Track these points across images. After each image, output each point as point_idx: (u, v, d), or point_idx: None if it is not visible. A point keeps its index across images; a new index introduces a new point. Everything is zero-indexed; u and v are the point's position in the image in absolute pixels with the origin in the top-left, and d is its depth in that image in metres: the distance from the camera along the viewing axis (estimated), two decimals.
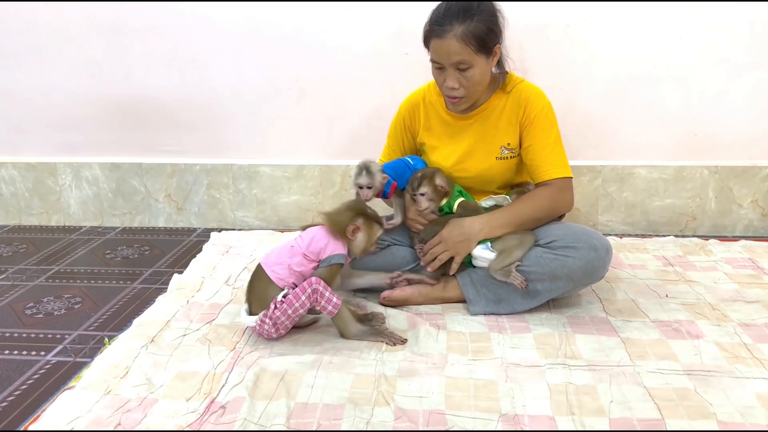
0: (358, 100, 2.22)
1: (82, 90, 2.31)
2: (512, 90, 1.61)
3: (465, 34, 1.45)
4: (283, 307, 1.38)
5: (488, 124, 1.64)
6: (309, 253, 1.44)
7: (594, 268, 1.50)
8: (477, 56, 1.48)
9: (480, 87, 1.56)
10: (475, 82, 1.53)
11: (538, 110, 1.59)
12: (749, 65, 2.09)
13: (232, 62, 2.23)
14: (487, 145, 1.64)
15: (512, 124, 1.62)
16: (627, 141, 2.20)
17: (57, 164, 2.38)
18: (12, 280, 1.90)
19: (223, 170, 2.33)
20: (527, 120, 1.59)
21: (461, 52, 1.47)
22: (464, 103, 1.59)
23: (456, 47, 1.46)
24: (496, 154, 1.64)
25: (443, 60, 1.50)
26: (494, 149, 1.64)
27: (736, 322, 1.51)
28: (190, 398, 1.23)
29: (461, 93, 1.54)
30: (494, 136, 1.63)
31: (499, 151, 1.64)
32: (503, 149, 1.63)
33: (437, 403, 1.20)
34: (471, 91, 1.55)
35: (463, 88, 1.53)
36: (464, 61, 1.48)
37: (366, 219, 1.49)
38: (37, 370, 1.38)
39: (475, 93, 1.58)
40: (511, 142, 1.63)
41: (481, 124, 1.64)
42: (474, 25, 1.45)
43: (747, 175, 2.18)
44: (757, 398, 1.20)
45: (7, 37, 2.28)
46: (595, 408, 1.18)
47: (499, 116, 1.63)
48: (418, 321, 1.53)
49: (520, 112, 1.60)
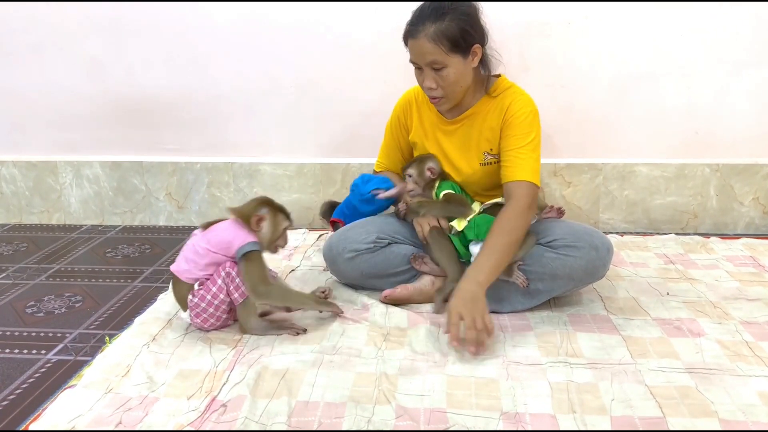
0: (359, 97, 2.22)
1: (83, 88, 2.31)
2: (498, 95, 1.58)
3: (436, 34, 1.44)
4: (201, 293, 1.42)
5: (473, 129, 1.61)
6: (213, 246, 1.44)
7: (595, 268, 1.50)
8: (450, 56, 1.47)
9: (458, 87, 1.53)
10: (450, 82, 1.50)
11: (519, 114, 1.54)
12: (750, 63, 2.09)
13: (232, 60, 2.23)
14: (471, 151, 1.63)
15: (494, 129, 1.59)
16: (628, 139, 2.20)
17: (58, 163, 2.38)
18: (13, 278, 1.90)
19: (223, 168, 2.33)
20: (505, 123, 1.56)
21: (433, 51, 1.46)
22: (445, 104, 1.57)
23: (428, 47, 1.46)
24: (480, 160, 1.62)
25: (419, 60, 1.50)
26: (478, 155, 1.62)
27: (738, 320, 1.51)
28: (192, 396, 1.23)
29: (439, 93, 1.53)
30: (478, 142, 1.61)
31: (482, 156, 1.62)
32: (486, 155, 1.61)
33: (438, 401, 1.20)
34: (449, 91, 1.53)
35: (440, 88, 1.52)
36: (437, 61, 1.47)
37: (271, 209, 1.48)
38: (37, 368, 1.38)
39: (454, 93, 1.54)
40: (493, 148, 1.60)
41: (467, 129, 1.62)
42: (446, 24, 1.44)
43: (748, 172, 2.17)
44: (759, 396, 1.20)
45: (7, 35, 2.28)
46: (597, 406, 1.18)
47: (482, 121, 1.60)
48: (419, 319, 1.52)
49: (500, 118, 1.57)
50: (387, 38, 2.12)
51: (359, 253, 1.62)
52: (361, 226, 1.68)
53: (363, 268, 1.63)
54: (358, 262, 1.63)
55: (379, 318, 1.54)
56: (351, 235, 1.65)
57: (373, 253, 1.63)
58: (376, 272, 1.64)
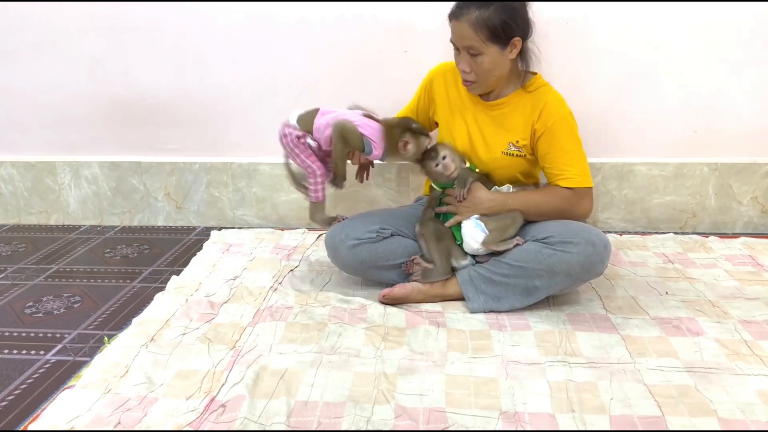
0: (358, 98, 2.20)
1: (81, 88, 2.31)
2: (534, 91, 1.62)
3: (478, 21, 1.48)
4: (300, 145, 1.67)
5: (503, 117, 1.65)
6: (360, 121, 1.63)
7: (592, 264, 1.50)
8: (488, 45, 1.50)
9: (491, 76, 1.57)
10: (484, 70, 1.55)
11: (558, 117, 1.59)
12: (748, 62, 2.09)
13: (231, 60, 2.23)
14: (496, 137, 1.65)
15: (525, 123, 1.62)
16: (627, 138, 2.20)
17: (56, 163, 2.38)
18: (11, 279, 1.90)
19: (222, 168, 2.33)
20: (543, 126, 1.59)
21: (472, 37, 1.50)
22: (477, 88, 1.62)
23: (468, 32, 1.50)
24: (502, 148, 1.65)
25: (457, 42, 1.55)
26: (502, 143, 1.65)
27: (737, 319, 1.52)
28: (190, 397, 1.23)
29: (472, 78, 1.57)
30: (506, 130, 1.64)
31: (506, 146, 1.64)
32: (511, 145, 1.64)
33: (437, 400, 1.20)
34: (481, 78, 1.57)
35: (474, 72, 1.56)
36: (474, 47, 1.51)
37: (412, 134, 1.62)
38: (36, 369, 1.38)
39: (487, 81, 1.58)
40: (520, 140, 1.63)
41: (498, 115, 1.65)
42: (489, 13, 1.48)
43: (747, 172, 2.18)
44: (758, 395, 1.20)
45: (5, 34, 2.27)
46: (596, 405, 1.18)
47: (513, 112, 1.63)
48: (418, 319, 1.53)
49: (535, 115, 1.60)
50: (386, 38, 2.13)
51: (361, 242, 1.62)
52: (365, 216, 1.71)
53: (364, 257, 1.63)
54: (360, 251, 1.63)
55: (377, 318, 1.55)
56: (354, 224, 1.66)
57: (375, 243, 1.63)
58: (376, 262, 1.64)
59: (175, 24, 2.20)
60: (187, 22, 2.20)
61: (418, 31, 2.09)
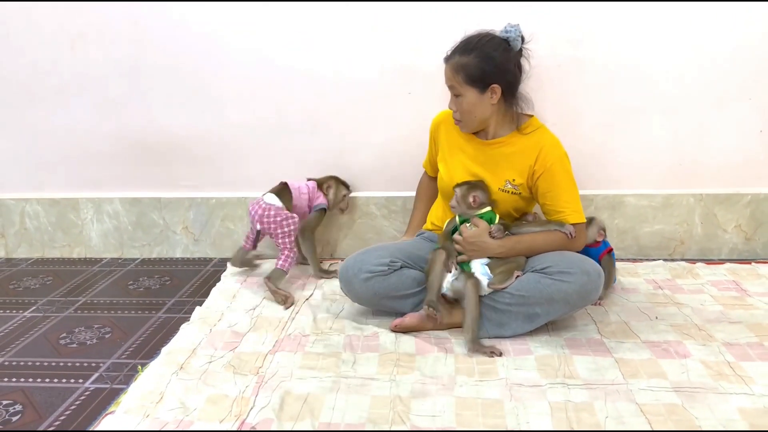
0: (367, 135, 2.34)
1: (104, 128, 2.42)
2: (531, 133, 1.75)
3: (458, 65, 1.68)
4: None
5: (500, 156, 1.77)
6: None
7: (587, 291, 1.62)
8: (466, 87, 1.69)
9: (472, 116, 1.73)
10: (464, 110, 1.72)
11: (555, 159, 1.72)
12: (731, 97, 2.21)
13: (246, 100, 2.34)
14: (494, 174, 1.78)
15: (523, 164, 1.74)
16: (617, 171, 2.32)
17: (79, 199, 2.50)
18: (43, 311, 2.01)
19: (237, 203, 2.45)
20: (543, 167, 1.72)
21: (452, 79, 1.70)
22: (464, 127, 1.79)
23: (450, 73, 1.70)
24: (499, 185, 1.77)
25: (445, 82, 1.73)
26: (499, 180, 1.77)
27: (721, 341, 1.63)
28: (223, 420, 1.34)
29: (458, 116, 1.76)
30: (503, 169, 1.77)
31: (503, 183, 1.77)
32: (507, 183, 1.76)
33: (449, 421, 1.31)
34: (464, 117, 1.75)
35: (458, 111, 1.74)
36: (455, 87, 1.71)
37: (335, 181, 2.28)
38: (78, 396, 1.49)
39: (469, 120, 1.75)
40: (516, 179, 1.76)
41: (494, 154, 1.78)
42: (468, 59, 1.66)
43: (730, 201, 2.31)
44: (739, 412, 1.32)
45: (33, 78, 2.39)
46: (592, 423, 1.29)
47: (510, 152, 1.76)
48: (428, 347, 1.64)
49: (532, 158, 1.73)
50: (391, 79, 2.27)
51: (374, 275, 1.72)
52: (375, 250, 1.80)
53: (377, 289, 1.73)
54: (373, 283, 1.73)
55: (389, 345, 1.66)
56: (366, 258, 1.76)
57: (387, 276, 1.73)
58: (388, 293, 1.74)
59: (193, 67, 2.33)
60: (204, 65, 2.33)
61: (420, 74, 2.23)
